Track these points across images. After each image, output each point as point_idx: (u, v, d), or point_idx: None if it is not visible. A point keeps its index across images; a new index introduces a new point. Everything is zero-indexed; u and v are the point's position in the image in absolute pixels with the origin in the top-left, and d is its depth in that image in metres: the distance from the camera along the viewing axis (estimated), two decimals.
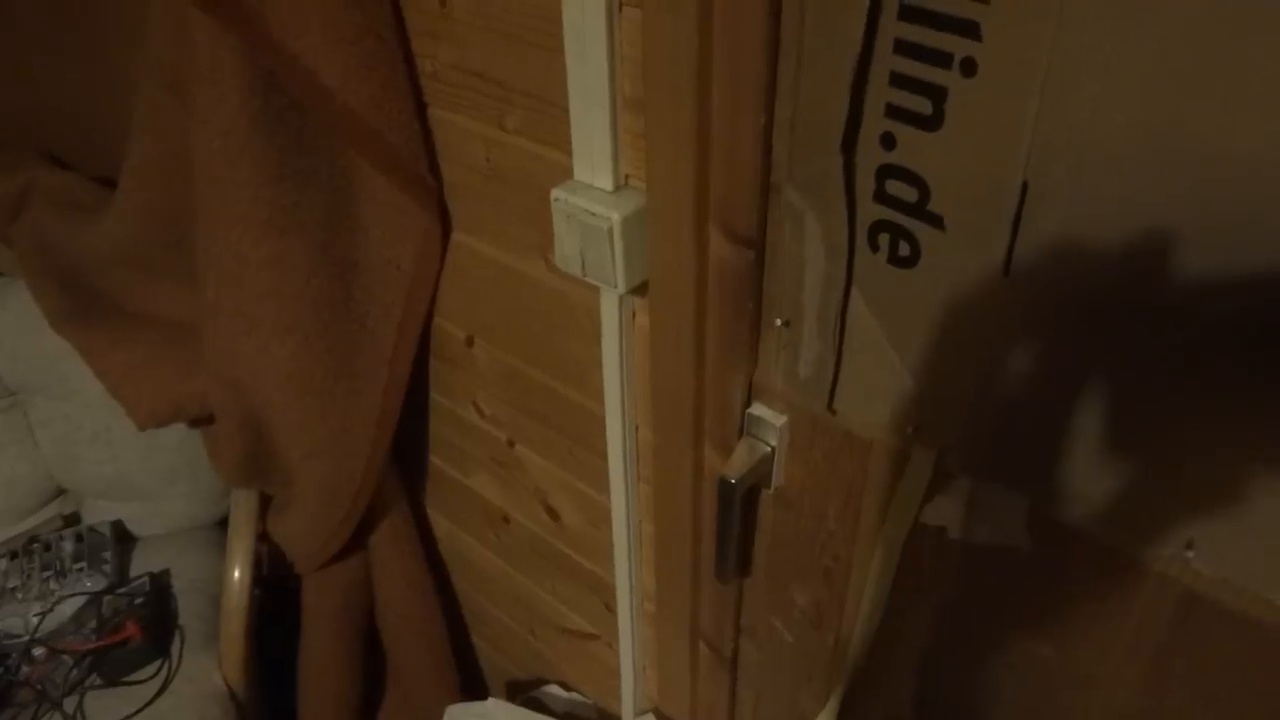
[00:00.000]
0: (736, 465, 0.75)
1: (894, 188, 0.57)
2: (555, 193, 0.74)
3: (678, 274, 0.70)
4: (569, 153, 0.74)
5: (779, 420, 0.74)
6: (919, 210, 0.57)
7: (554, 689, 1.28)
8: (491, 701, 1.14)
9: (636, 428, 0.87)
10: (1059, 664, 0.67)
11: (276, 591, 1.36)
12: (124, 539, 1.40)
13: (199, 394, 1.20)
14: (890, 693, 0.81)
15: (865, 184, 0.58)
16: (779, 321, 0.68)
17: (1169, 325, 0.50)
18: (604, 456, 0.90)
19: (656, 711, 1.09)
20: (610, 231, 0.70)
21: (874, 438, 0.68)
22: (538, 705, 1.22)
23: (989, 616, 0.69)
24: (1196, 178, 0.45)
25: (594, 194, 0.72)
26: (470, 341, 1.02)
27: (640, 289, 0.76)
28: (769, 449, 0.75)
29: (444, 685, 1.38)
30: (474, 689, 1.49)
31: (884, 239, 0.59)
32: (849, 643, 0.80)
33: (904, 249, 0.59)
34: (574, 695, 1.26)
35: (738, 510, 0.77)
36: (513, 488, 1.12)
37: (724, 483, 0.75)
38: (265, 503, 1.31)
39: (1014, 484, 0.62)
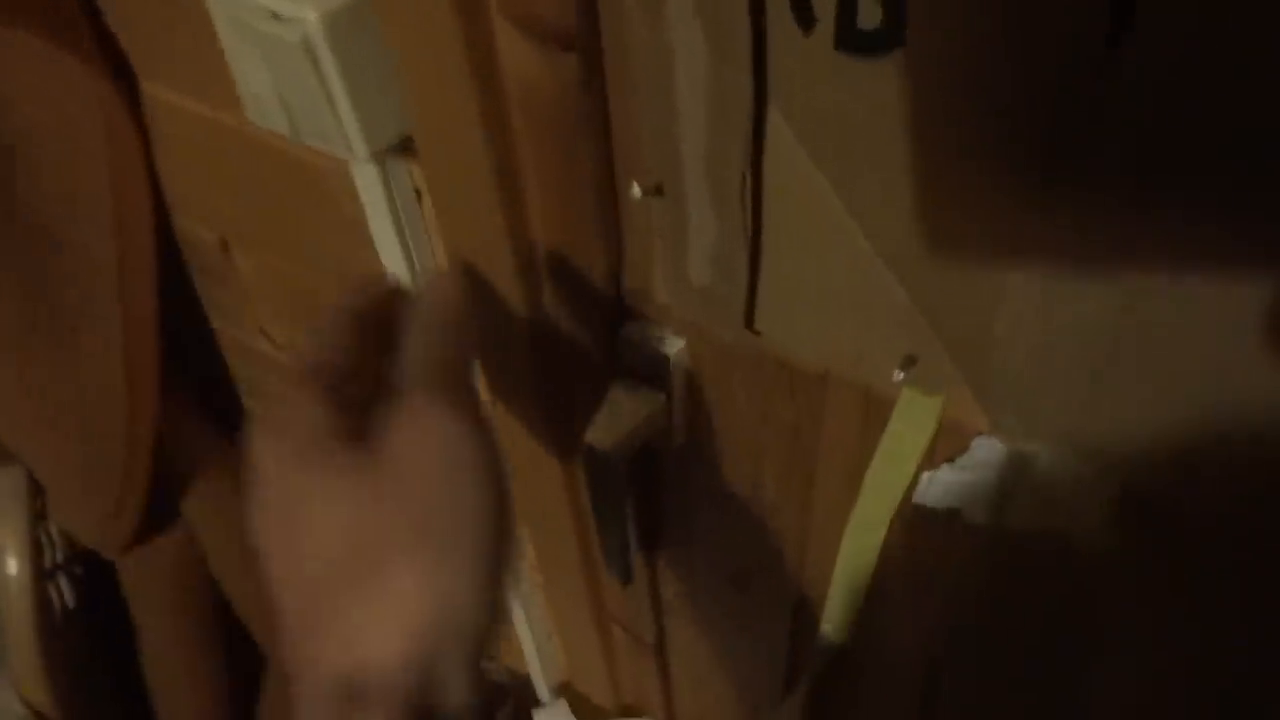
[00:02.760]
0: (608, 425, 0.46)
1: None
2: None
3: (454, 114, 0.38)
4: None
5: (671, 348, 0.44)
6: None
7: None
8: None
9: None
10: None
11: (99, 577, 1.07)
12: None
13: None
14: (891, 699, 0.56)
15: None
16: (638, 189, 0.37)
17: None
18: None
19: (567, 688, 0.85)
20: (308, 46, 0.37)
21: (828, 369, 0.40)
22: None
23: (1036, 618, 0.43)
24: None
25: None
26: (225, 246, 0.69)
27: (411, 147, 0.44)
28: (660, 393, 0.46)
29: None
30: None
31: (827, 2, 0.28)
32: (815, 625, 0.54)
33: (868, 17, 0.28)
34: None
35: (621, 487, 0.48)
36: None
37: (591, 452, 0.46)
38: None
39: (1083, 447, 0.34)
